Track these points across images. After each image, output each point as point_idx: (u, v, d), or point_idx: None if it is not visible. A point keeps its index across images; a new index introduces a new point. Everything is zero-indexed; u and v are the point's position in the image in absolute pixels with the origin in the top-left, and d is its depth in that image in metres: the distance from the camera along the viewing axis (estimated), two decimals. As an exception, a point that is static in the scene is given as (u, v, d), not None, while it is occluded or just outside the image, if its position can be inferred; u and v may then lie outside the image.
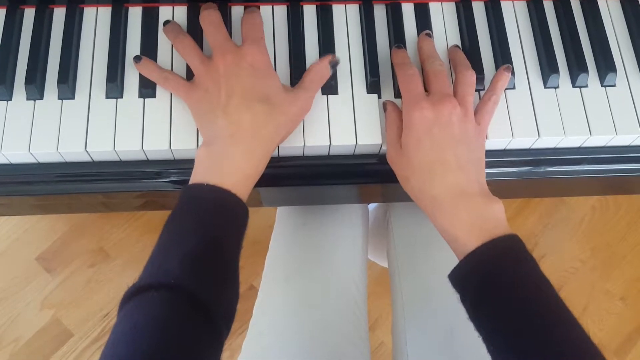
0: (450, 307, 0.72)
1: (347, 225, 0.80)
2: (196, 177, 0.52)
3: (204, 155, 0.52)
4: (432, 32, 0.61)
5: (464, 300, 0.51)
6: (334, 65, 0.58)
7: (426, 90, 0.57)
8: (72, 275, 1.35)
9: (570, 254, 1.44)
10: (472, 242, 0.50)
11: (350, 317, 0.73)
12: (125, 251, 1.36)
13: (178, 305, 0.45)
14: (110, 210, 0.70)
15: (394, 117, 0.56)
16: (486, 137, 0.57)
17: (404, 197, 0.79)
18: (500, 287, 0.49)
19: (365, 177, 0.62)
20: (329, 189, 0.67)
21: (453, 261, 0.74)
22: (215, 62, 0.54)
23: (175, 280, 0.46)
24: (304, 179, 0.62)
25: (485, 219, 0.51)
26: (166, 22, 0.60)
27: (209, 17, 0.57)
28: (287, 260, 0.77)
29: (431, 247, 0.78)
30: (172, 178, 0.59)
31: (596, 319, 1.39)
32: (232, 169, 0.51)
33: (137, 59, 0.57)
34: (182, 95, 0.56)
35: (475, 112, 0.56)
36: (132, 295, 0.46)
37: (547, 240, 1.45)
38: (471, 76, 0.56)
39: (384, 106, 0.58)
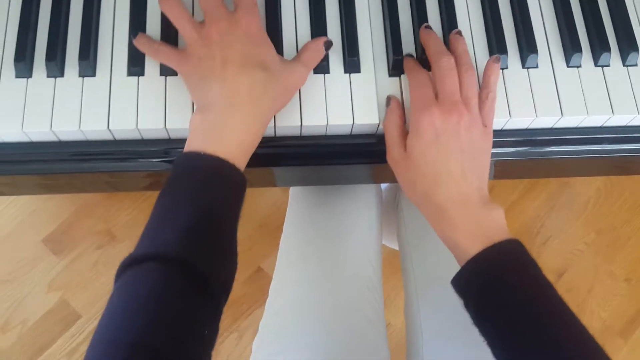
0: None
1: (362, 206, 0.80)
2: (191, 145, 0.50)
3: (199, 123, 0.51)
4: (455, 9, 0.60)
5: (467, 306, 0.52)
6: (328, 47, 0.57)
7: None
8: (79, 257, 1.35)
9: (575, 237, 1.45)
10: (473, 247, 0.50)
11: (367, 295, 0.73)
12: (132, 233, 1.36)
13: (175, 275, 0.45)
14: (116, 190, 0.69)
15: (396, 117, 0.56)
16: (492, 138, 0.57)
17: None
18: (502, 291, 0.49)
19: (383, 157, 0.62)
20: (345, 169, 0.67)
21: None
22: (208, 30, 0.52)
23: (171, 251, 0.45)
24: (320, 158, 0.61)
25: (486, 226, 0.51)
26: None
27: None
28: (303, 240, 0.77)
29: None
30: (173, 157, 0.58)
31: (601, 300, 1.40)
32: (229, 138, 0.50)
33: (133, 35, 0.56)
34: (174, 65, 0.54)
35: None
36: (129, 265, 0.46)
37: (553, 223, 1.45)
38: (472, 75, 0.55)
39: (388, 100, 0.57)
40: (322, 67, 0.58)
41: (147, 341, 0.41)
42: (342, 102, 0.57)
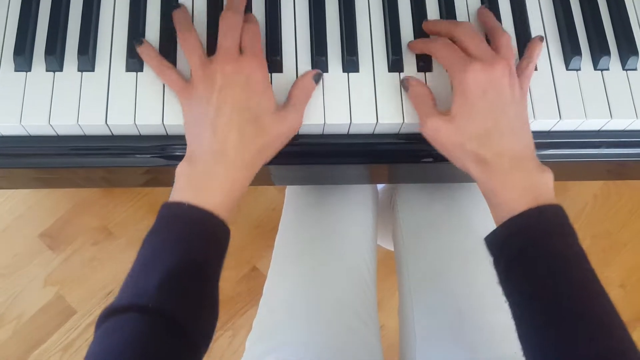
0: (459, 289, 0.73)
1: (357, 206, 0.80)
2: (176, 195, 0.51)
3: (185, 172, 0.51)
4: (455, 11, 0.61)
5: (498, 263, 0.51)
6: (318, 79, 0.57)
7: None
8: (75, 253, 1.34)
9: (570, 242, 1.44)
10: (519, 206, 0.50)
11: (360, 295, 0.73)
12: (128, 230, 1.36)
13: (154, 327, 0.45)
14: (112, 185, 0.69)
15: (422, 90, 0.56)
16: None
17: (411, 179, 0.79)
18: (540, 255, 0.48)
19: (381, 156, 0.62)
20: (342, 169, 0.67)
21: (459, 242, 0.75)
22: (214, 69, 0.53)
23: (152, 303, 0.46)
24: (318, 157, 0.61)
25: (535, 186, 0.50)
26: (176, 10, 0.58)
27: (230, 19, 0.55)
28: (298, 239, 0.77)
29: (437, 229, 0.78)
30: (169, 153, 0.59)
31: (596, 305, 1.40)
32: (213, 189, 0.51)
33: (137, 41, 0.56)
34: (176, 92, 0.55)
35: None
36: (109, 315, 0.46)
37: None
38: (509, 39, 0.55)
39: (405, 83, 0.57)
40: (321, 66, 0.58)
41: None
42: (341, 101, 0.57)
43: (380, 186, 1.14)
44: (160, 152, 0.59)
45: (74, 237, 1.35)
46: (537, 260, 0.48)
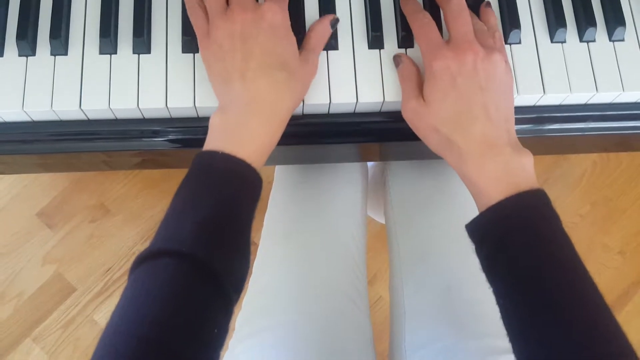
0: (448, 265, 0.73)
1: (345, 183, 0.79)
2: (210, 144, 0.50)
3: (218, 122, 0.51)
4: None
5: (479, 251, 0.50)
6: (334, 24, 0.56)
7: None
8: (73, 230, 1.35)
9: (570, 209, 1.44)
10: (497, 194, 0.49)
11: (349, 274, 0.73)
12: (125, 206, 1.37)
13: (189, 272, 0.45)
14: (112, 169, 0.69)
15: (410, 70, 0.54)
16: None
17: (402, 156, 0.79)
18: (521, 242, 0.47)
19: (365, 135, 0.61)
20: (328, 148, 0.66)
21: (449, 219, 0.75)
22: (232, 17, 0.51)
23: (186, 248, 0.45)
24: (303, 138, 0.61)
25: (513, 172, 0.49)
26: None
27: None
28: (286, 217, 0.77)
29: (428, 206, 0.78)
30: (171, 137, 0.58)
31: (594, 272, 1.37)
32: (248, 138, 0.50)
33: None
34: (198, 37, 0.53)
35: None
36: (144, 259, 0.46)
37: (547, 194, 1.45)
38: (492, 15, 0.54)
39: (397, 59, 0.56)
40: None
41: (158, 336, 0.42)
42: (320, 80, 0.56)
43: (372, 162, 1.13)
44: (165, 135, 0.58)
45: (72, 215, 1.36)
46: (518, 248, 0.47)
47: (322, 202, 0.77)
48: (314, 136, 0.60)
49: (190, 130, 0.58)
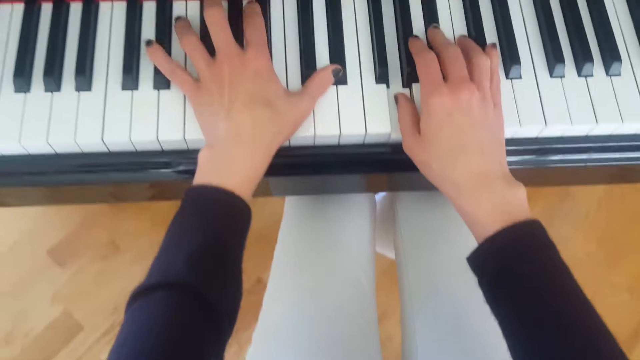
0: (459, 296, 0.73)
1: (354, 215, 0.81)
2: (199, 179, 0.53)
3: (206, 157, 0.53)
4: (438, 23, 0.62)
5: (482, 283, 0.52)
6: (337, 74, 0.59)
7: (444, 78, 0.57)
8: (83, 268, 1.36)
9: (575, 246, 1.44)
10: (493, 225, 0.50)
11: (358, 305, 0.74)
12: (135, 243, 1.38)
13: (182, 302, 0.46)
14: (119, 201, 0.71)
15: (407, 107, 0.57)
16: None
17: (410, 187, 0.81)
18: (520, 272, 0.49)
19: (374, 166, 0.64)
20: (338, 179, 0.69)
21: (459, 250, 0.76)
22: (220, 66, 0.55)
23: (180, 279, 0.47)
24: (313, 168, 0.63)
25: (507, 203, 0.51)
26: (177, 19, 0.61)
27: (212, 17, 0.57)
28: (296, 250, 0.78)
29: (437, 237, 0.79)
30: (182, 168, 0.60)
31: (602, 311, 1.37)
32: (233, 171, 0.53)
33: (148, 42, 0.59)
34: (187, 93, 0.57)
35: None
36: (139, 295, 0.47)
37: (552, 233, 1.41)
38: (485, 60, 0.56)
39: (396, 98, 0.59)
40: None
41: None
42: (330, 113, 0.59)
43: (380, 194, 1.15)
44: (165, 167, 0.61)
45: (82, 252, 1.37)
46: (517, 278, 0.49)
47: (332, 234, 0.78)
48: (325, 166, 0.62)
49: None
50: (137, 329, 0.45)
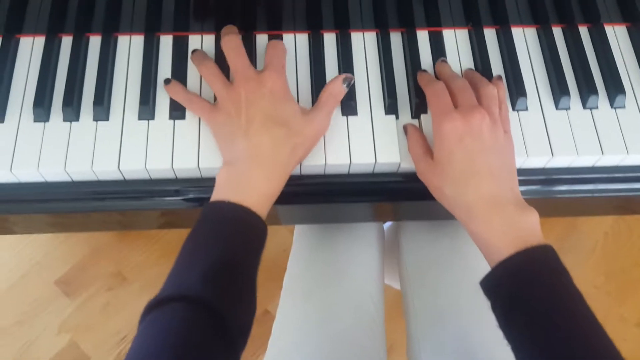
0: (465, 327, 0.73)
1: (363, 244, 0.82)
2: (217, 195, 0.54)
3: (224, 176, 0.55)
4: (446, 56, 0.64)
5: (494, 307, 0.52)
6: (348, 83, 0.60)
7: None
8: (90, 298, 1.36)
9: (584, 280, 1.43)
10: (505, 250, 0.51)
11: (368, 334, 0.74)
12: (142, 274, 1.38)
13: (196, 315, 0.47)
14: (126, 229, 0.72)
15: (417, 136, 0.59)
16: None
17: (417, 216, 0.81)
18: (533, 297, 0.49)
19: (383, 194, 0.64)
20: (346, 207, 0.69)
21: (464, 279, 0.76)
22: (237, 88, 0.57)
23: (194, 292, 0.47)
24: (323, 196, 0.64)
25: (520, 228, 0.51)
26: (194, 51, 0.63)
27: (230, 43, 0.59)
28: (305, 279, 0.79)
29: (442, 266, 0.79)
30: (193, 195, 0.61)
31: (611, 345, 1.37)
32: (251, 189, 0.54)
33: (166, 81, 0.61)
34: (206, 117, 0.59)
35: None
36: (153, 307, 0.48)
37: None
38: (492, 89, 0.58)
39: (405, 128, 0.60)
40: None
41: None
42: (340, 142, 0.60)
43: (386, 225, 1.16)
44: (175, 195, 0.62)
45: (89, 283, 1.38)
46: (529, 302, 0.49)
47: (341, 263, 0.79)
48: (335, 195, 0.63)
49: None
50: (149, 339, 0.46)
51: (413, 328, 0.78)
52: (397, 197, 0.65)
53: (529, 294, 0.49)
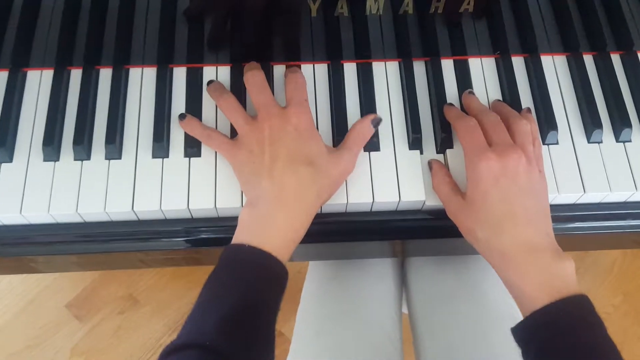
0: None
1: (377, 279, 0.79)
2: (238, 238, 0.52)
3: (247, 216, 0.52)
4: (472, 87, 0.62)
5: (527, 355, 0.50)
6: (376, 124, 0.58)
7: None
8: (102, 322, 1.35)
9: (602, 299, 1.41)
10: (540, 299, 0.49)
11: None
12: (153, 297, 1.36)
13: None
14: (149, 267, 0.70)
15: (443, 173, 0.56)
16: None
17: (430, 252, 0.78)
18: (567, 348, 0.47)
19: (405, 233, 0.62)
20: (364, 245, 0.67)
21: (473, 316, 0.74)
22: (260, 124, 0.55)
23: (210, 341, 0.46)
24: (342, 235, 0.61)
25: (555, 276, 0.50)
26: (210, 82, 0.61)
27: (253, 78, 0.57)
28: (318, 315, 0.76)
29: (451, 302, 0.77)
30: (216, 235, 0.59)
31: (632, 365, 1.35)
32: (274, 232, 0.51)
33: (181, 116, 0.59)
34: (225, 154, 0.56)
35: None
36: (170, 352, 0.47)
37: (578, 286, 1.42)
38: (526, 125, 0.55)
39: (430, 165, 0.58)
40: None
41: None
42: (363, 180, 0.57)
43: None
44: (186, 235, 0.59)
45: (100, 306, 1.36)
46: (564, 354, 0.47)
47: (354, 299, 0.76)
48: (356, 234, 0.61)
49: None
50: None
51: None
52: (420, 235, 0.62)
53: (563, 345, 0.48)
